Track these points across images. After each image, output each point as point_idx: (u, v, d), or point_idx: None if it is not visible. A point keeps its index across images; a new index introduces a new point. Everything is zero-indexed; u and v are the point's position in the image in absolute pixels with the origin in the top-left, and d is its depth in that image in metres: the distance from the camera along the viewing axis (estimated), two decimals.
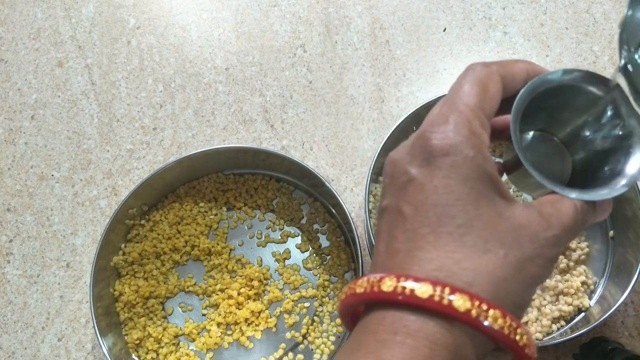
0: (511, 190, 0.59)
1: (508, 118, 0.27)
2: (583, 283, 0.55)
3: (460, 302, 0.22)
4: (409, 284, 0.23)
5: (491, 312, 0.22)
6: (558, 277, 0.55)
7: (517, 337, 0.23)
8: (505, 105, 0.27)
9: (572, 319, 0.54)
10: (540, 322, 0.54)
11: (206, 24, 0.70)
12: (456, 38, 0.68)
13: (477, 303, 0.22)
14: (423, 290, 0.22)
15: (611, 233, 0.57)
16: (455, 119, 0.25)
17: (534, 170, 0.27)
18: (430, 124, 0.25)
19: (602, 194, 0.27)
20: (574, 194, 0.27)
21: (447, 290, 0.22)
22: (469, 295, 0.22)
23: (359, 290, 0.24)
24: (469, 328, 0.23)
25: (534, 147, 0.31)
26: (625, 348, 0.52)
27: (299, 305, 0.57)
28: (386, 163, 0.27)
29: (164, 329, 0.57)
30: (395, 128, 0.55)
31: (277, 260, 0.59)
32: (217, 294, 0.58)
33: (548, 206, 0.26)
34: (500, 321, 0.23)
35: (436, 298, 0.22)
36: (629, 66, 0.24)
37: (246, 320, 0.57)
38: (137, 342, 0.56)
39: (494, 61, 0.27)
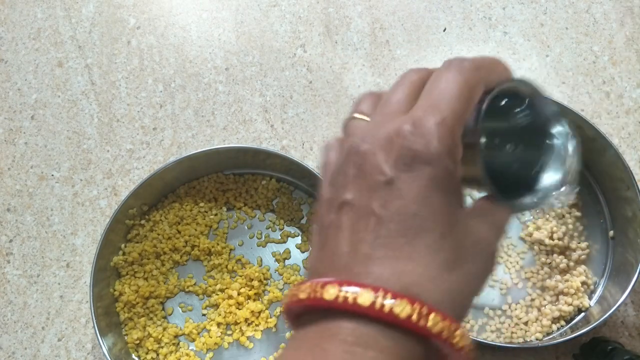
0: None
1: None
2: (583, 283, 0.55)
3: (438, 326, 0.22)
4: (388, 302, 0.22)
5: (458, 332, 0.23)
6: (558, 277, 0.55)
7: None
8: None
9: (572, 319, 0.54)
10: (540, 322, 0.54)
11: (206, 24, 0.70)
12: (456, 38, 0.68)
13: (447, 323, 0.22)
14: (402, 309, 0.22)
15: (611, 233, 0.57)
16: (441, 125, 0.23)
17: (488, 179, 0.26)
18: (412, 123, 0.24)
19: (527, 203, 0.27)
20: (511, 201, 0.27)
21: (425, 309, 0.22)
22: (449, 320, 0.22)
23: (332, 298, 0.22)
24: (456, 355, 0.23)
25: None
26: (625, 348, 0.52)
27: None
28: (346, 147, 0.25)
29: (164, 329, 0.57)
30: None
31: (277, 260, 0.59)
32: (217, 294, 0.58)
33: (495, 214, 0.26)
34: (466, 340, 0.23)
35: (414, 318, 0.22)
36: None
37: (246, 320, 0.57)
38: (137, 342, 0.56)
39: (478, 63, 0.26)
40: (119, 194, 0.63)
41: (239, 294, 0.57)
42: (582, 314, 0.54)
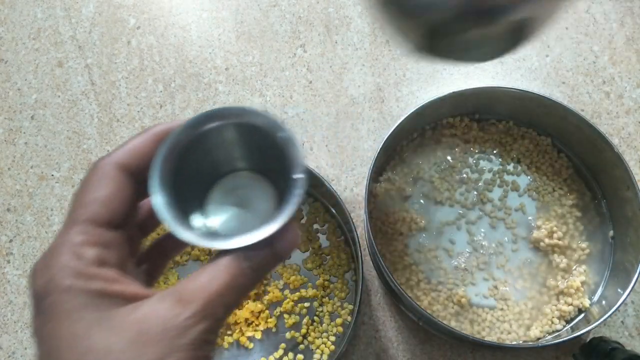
0: None
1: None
2: (583, 283, 0.55)
3: None
4: None
5: None
6: (558, 277, 0.55)
7: None
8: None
9: (572, 319, 0.54)
10: (541, 322, 0.54)
11: (206, 24, 0.70)
12: None
13: None
14: None
15: (611, 233, 0.57)
16: (55, 249, 0.22)
17: (177, 230, 0.23)
18: (35, 265, 0.23)
19: (239, 241, 0.23)
20: (211, 243, 0.23)
21: None
22: None
23: None
24: None
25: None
26: (625, 348, 0.52)
27: (299, 305, 0.57)
28: None
29: None
30: (395, 128, 0.55)
31: None
32: None
33: (191, 280, 0.23)
34: None
35: None
36: None
37: (246, 320, 0.57)
38: None
39: (117, 147, 0.25)
40: None
41: None
42: (582, 314, 0.54)
